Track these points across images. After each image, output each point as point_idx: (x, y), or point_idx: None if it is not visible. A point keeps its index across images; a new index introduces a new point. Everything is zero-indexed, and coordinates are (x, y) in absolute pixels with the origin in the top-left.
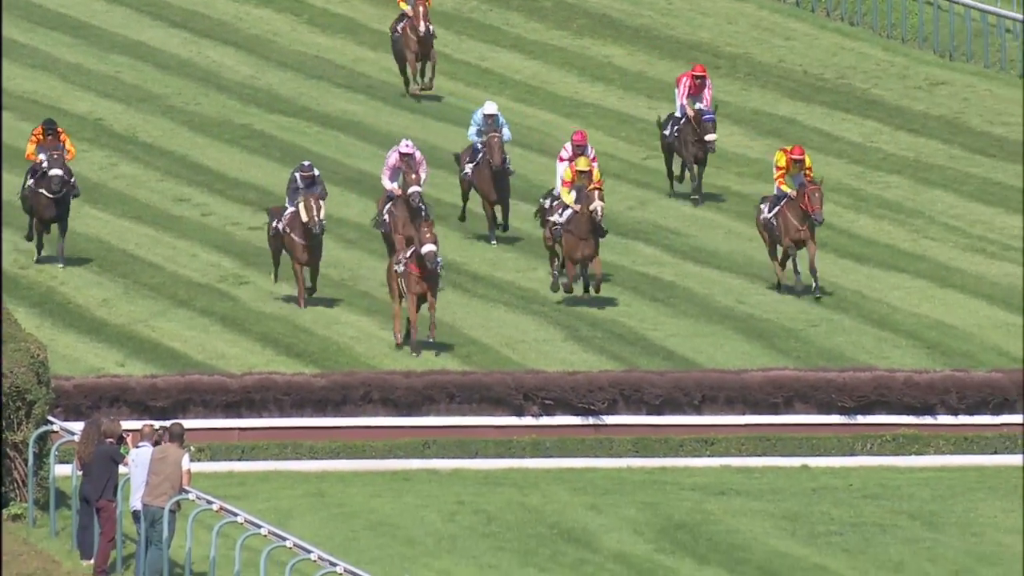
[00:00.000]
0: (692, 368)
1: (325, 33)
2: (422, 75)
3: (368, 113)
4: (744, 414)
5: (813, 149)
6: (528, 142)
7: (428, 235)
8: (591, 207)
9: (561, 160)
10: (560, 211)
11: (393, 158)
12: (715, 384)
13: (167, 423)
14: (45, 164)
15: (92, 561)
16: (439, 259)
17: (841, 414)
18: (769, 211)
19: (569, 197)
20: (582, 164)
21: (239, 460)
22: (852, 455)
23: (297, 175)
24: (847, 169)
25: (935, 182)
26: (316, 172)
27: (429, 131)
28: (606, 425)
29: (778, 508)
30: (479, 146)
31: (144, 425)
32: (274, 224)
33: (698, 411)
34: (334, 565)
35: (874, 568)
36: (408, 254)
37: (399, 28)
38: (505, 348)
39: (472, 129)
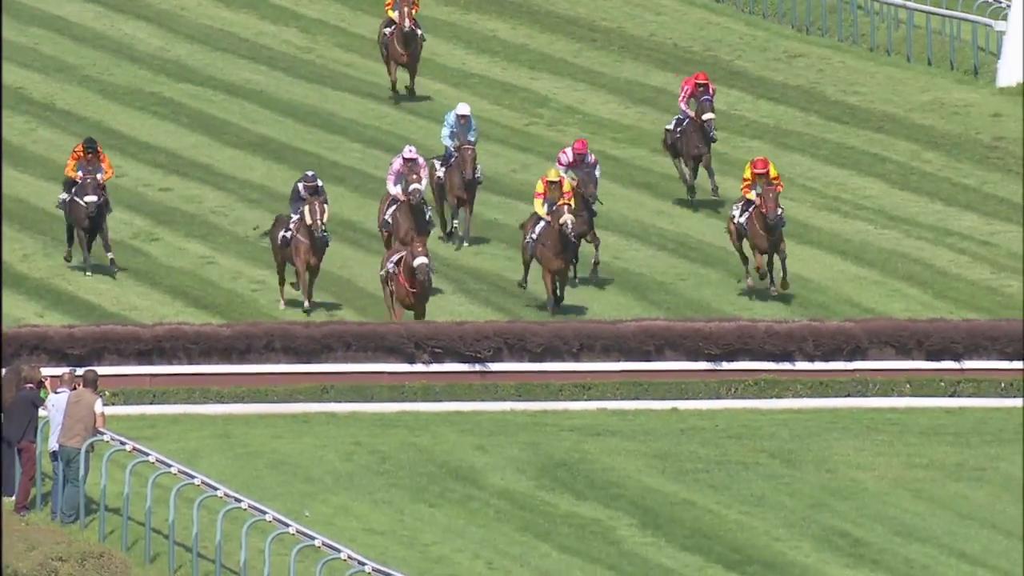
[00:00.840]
0: (571, 319)
1: (230, 8)
2: (412, 82)
3: (270, 83)
4: (619, 361)
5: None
6: (419, 111)
7: (420, 248)
8: (560, 221)
9: (560, 164)
10: (532, 228)
11: (397, 163)
12: (592, 333)
13: (83, 370)
14: (81, 178)
15: (13, 498)
16: (431, 271)
17: (708, 361)
18: (740, 215)
19: (541, 209)
20: (552, 175)
21: (150, 404)
22: (718, 398)
23: (300, 185)
24: None
25: (793, 147)
26: (319, 182)
27: (328, 100)
28: (491, 372)
29: (650, 448)
30: (452, 151)
31: (64, 372)
32: (281, 233)
33: (576, 358)
34: (239, 501)
35: (737, 502)
36: (396, 260)
37: (387, 34)
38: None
39: (445, 131)
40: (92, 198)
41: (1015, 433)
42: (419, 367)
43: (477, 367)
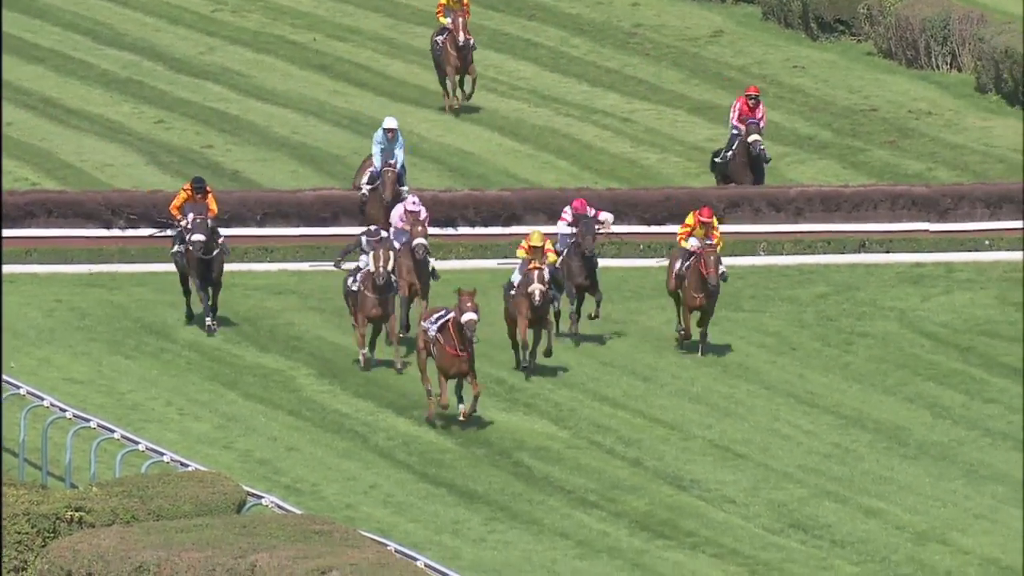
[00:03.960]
0: (254, 188)
1: None
2: (461, 86)
3: None
4: (298, 227)
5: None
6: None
7: (469, 304)
8: (529, 289)
9: (563, 220)
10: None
11: (399, 213)
12: (274, 202)
13: None
14: (189, 226)
15: None
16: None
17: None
18: (682, 266)
19: (523, 254)
20: (536, 239)
21: None
22: None
23: (364, 239)
24: (382, 21)
25: None
26: (384, 234)
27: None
28: None
29: (326, 305)
30: (378, 171)
31: None
32: (349, 283)
33: (260, 225)
34: None
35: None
36: (439, 322)
37: (440, 41)
38: (96, 171)
39: (375, 148)
40: (200, 236)
41: (652, 290)
42: (116, 232)
43: (169, 232)
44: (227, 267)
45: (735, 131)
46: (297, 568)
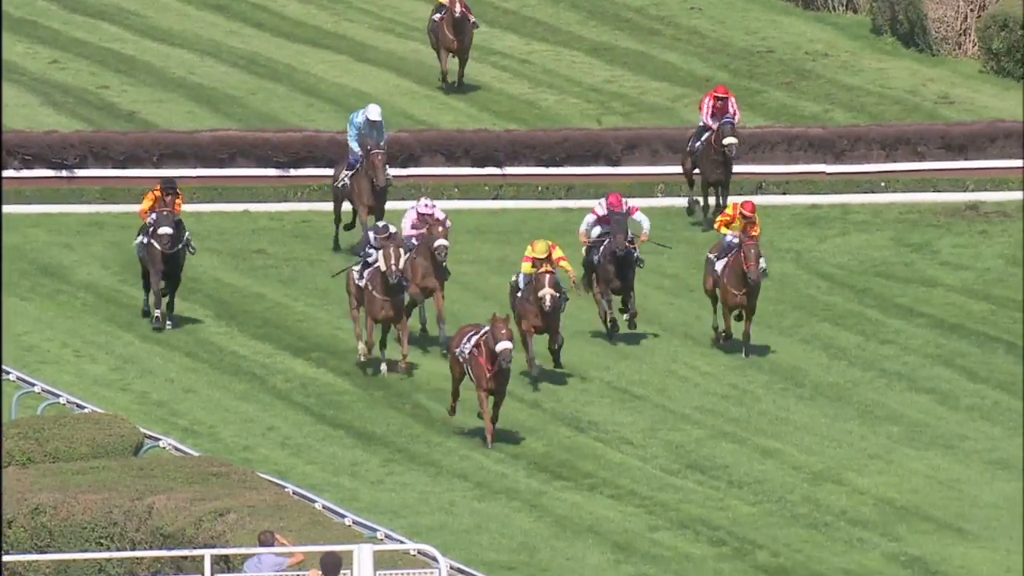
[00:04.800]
0: (151, 128)
1: None
2: (462, 65)
3: None
4: (196, 168)
5: None
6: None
7: (504, 332)
8: (540, 294)
9: (594, 214)
10: (520, 286)
11: (412, 216)
12: (171, 142)
13: None
14: (154, 222)
15: None
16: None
17: (276, 167)
18: (719, 265)
19: (529, 268)
20: (539, 250)
21: None
22: (286, 201)
23: (371, 234)
24: None
25: None
26: (392, 230)
27: None
28: (78, 177)
29: (224, 247)
30: (358, 156)
31: None
32: (356, 281)
33: (156, 166)
34: None
35: (304, 296)
36: (474, 342)
37: (436, 19)
38: None
39: (351, 132)
40: (167, 230)
41: (550, 231)
42: (10, 172)
43: (64, 173)
44: (123, 208)
45: (702, 124)
46: (194, 510)
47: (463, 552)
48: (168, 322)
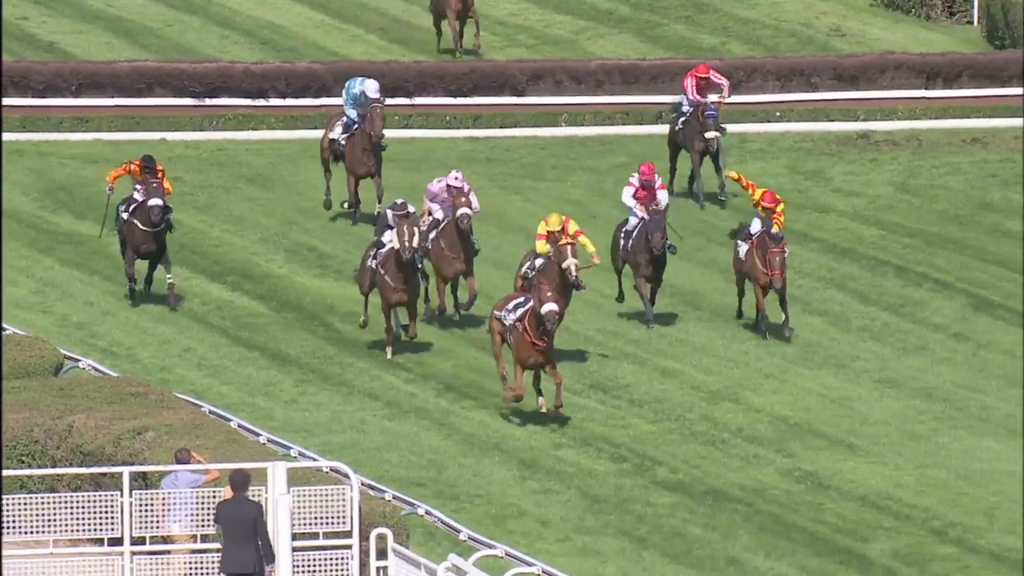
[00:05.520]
0: (70, 59)
1: None
2: (461, 36)
3: None
4: (114, 97)
5: None
6: None
7: (550, 293)
8: (564, 265)
9: (630, 185)
10: (531, 260)
11: (438, 186)
12: (89, 72)
13: None
14: (141, 195)
15: None
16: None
17: (192, 97)
18: (742, 249)
19: (544, 248)
20: (554, 223)
21: None
22: (201, 130)
23: (389, 212)
24: None
25: None
26: (411, 208)
27: None
28: None
29: None
30: (355, 120)
31: None
32: (368, 263)
33: (75, 95)
34: None
35: (219, 222)
36: (518, 310)
37: None
38: None
39: (347, 99)
40: (157, 201)
41: (457, 160)
42: None
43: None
44: (43, 136)
45: (687, 105)
46: (113, 428)
47: (374, 469)
48: (145, 286)
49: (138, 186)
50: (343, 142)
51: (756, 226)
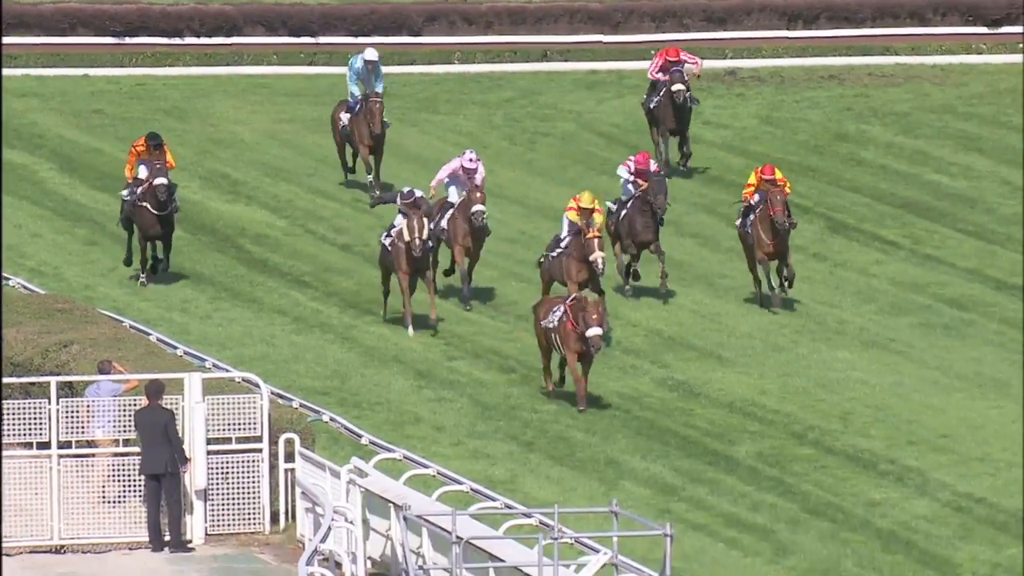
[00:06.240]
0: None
1: None
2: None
3: None
4: (40, 36)
5: None
6: None
7: (595, 317)
8: (591, 258)
9: (625, 166)
10: (556, 245)
11: (454, 165)
12: (17, 13)
13: None
14: (146, 175)
15: None
16: (610, 335)
17: (113, 36)
18: (745, 221)
19: (576, 217)
20: (586, 200)
21: None
22: (122, 67)
23: (397, 200)
24: None
25: None
26: (419, 193)
27: None
28: None
29: (66, 107)
30: (357, 98)
31: None
32: (383, 240)
33: (3, 34)
34: None
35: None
36: (556, 313)
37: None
38: None
39: (351, 76)
40: (163, 180)
41: None
42: None
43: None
44: None
45: (657, 80)
46: (41, 342)
47: (283, 379)
48: (148, 277)
49: (143, 166)
50: (348, 125)
51: (758, 199)
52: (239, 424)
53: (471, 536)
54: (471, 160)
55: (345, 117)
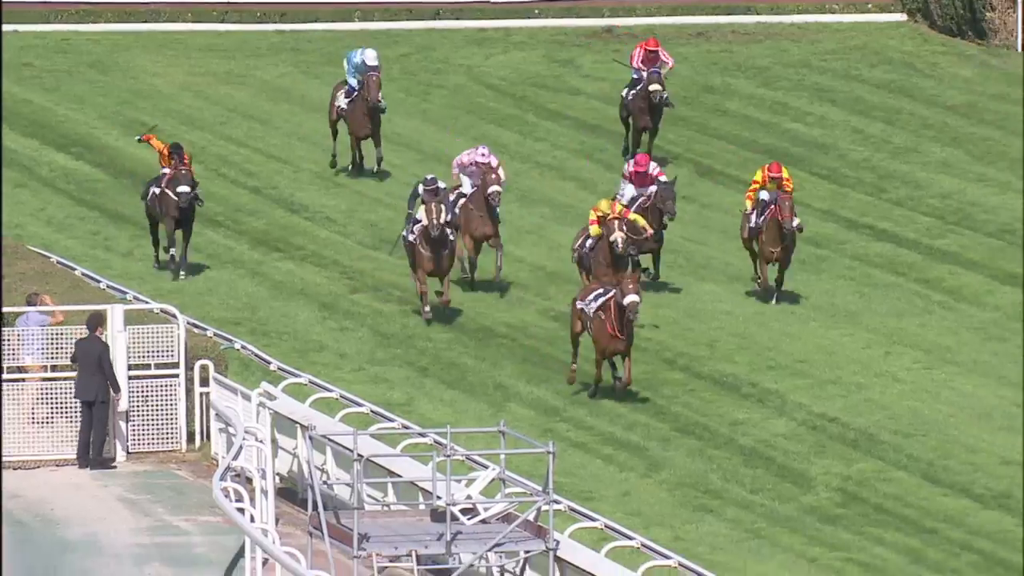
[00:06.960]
0: None
1: None
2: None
3: None
4: None
5: None
6: None
7: (632, 285)
8: (612, 238)
9: (625, 177)
10: (582, 241)
11: (466, 158)
12: None
13: None
14: (171, 178)
15: None
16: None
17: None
18: (754, 222)
19: (597, 231)
20: (604, 207)
21: None
22: (48, 23)
23: (420, 187)
24: None
25: None
26: (441, 184)
27: None
28: None
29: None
30: (356, 87)
31: None
32: (405, 234)
33: None
34: None
35: (65, 101)
36: (597, 299)
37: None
38: None
39: (348, 68)
40: (186, 188)
41: (268, 50)
42: None
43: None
44: None
45: (636, 75)
46: None
47: (198, 311)
48: (182, 272)
49: (166, 170)
50: (346, 107)
51: (766, 195)
52: (158, 352)
53: (371, 454)
54: (484, 155)
55: (344, 101)
